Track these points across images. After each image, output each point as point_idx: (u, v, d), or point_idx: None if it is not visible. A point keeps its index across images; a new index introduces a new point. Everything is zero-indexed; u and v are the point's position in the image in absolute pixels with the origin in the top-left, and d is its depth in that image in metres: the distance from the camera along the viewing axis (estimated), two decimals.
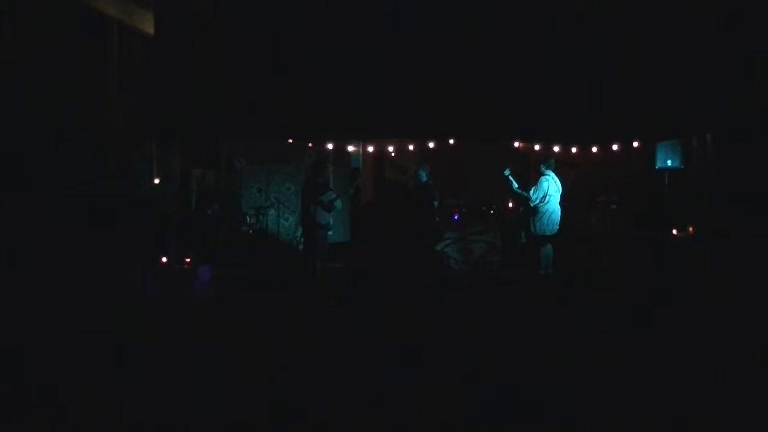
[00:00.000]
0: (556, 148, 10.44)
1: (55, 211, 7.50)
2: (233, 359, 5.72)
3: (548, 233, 9.65)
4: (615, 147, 10.37)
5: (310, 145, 11.14)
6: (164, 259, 8.46)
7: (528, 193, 9.70)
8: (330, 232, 9.30)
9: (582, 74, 8.88)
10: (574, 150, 10.66)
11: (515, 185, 9.78)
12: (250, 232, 10.77)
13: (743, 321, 6.81)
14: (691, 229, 9.57)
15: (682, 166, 9.48)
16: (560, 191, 9.70)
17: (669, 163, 9.48)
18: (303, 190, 9.36)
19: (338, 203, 9.03)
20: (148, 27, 9.66)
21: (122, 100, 9.56)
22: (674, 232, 9.42)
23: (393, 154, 11.72)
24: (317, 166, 9.58)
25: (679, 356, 5.84)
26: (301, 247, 10.15)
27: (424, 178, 10.03)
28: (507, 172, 9.71)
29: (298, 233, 10.54)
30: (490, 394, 4.95)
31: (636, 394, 4.96)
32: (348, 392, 4.96)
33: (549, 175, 9.64)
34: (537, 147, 10.49)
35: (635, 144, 9.99)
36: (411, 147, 11.21)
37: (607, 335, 6.68)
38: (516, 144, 10.32)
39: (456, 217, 11.32)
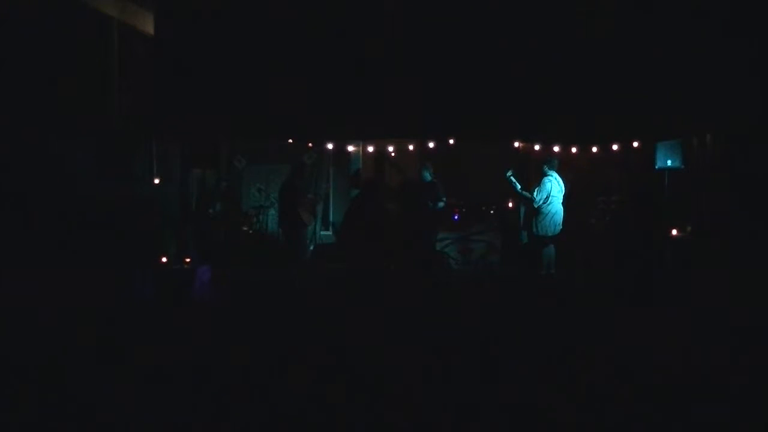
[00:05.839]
0: (556, 148, 10.44)
1: (55, 211, 7.50)
2: (233, 360, 5.72)
3: (550, 234, 9.66)
4: (615, 147, 10.38)
5: (310, 145, 11.15)
6: (164, 259, 8.45)
7: (531, 194, 9.71)
8: (323, 232, 9.39)
9: (582, 74, 8.89)
10: (574, 150, 10.67)
11: (518, 186, 9.81)
12: (250, 232, 10.77)
13: (743, 321, 6.82)
14: (690, 228, 9.57)
15: (682, 166, 9.48)
16: (563, 192, 9.71)
17: (669, 163, 9.48)
18: (281, 190, 9.49)
19: (318, 208, 9.15)
20: (148, 27, 9.67)
21: (122, 100, 9.56)
22: (674, 232, 9.42)
23: (393, 154, 11.72)
24: (297, 169, 9.70)
25: (679, 356, 5.84)
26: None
27: (429, 178, 10.05)
28: (509, 174, 9.74)
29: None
30: (490, 393, 4.96)
31: (636, 394, 4.96)
32: (348, 393, 4.96)
33: (552, 176, 9.65)
34: (537, 147, 10.50)
35: (635, 144, 10.00)
36: (411, 147, 11.21)
37: (606, 335, 6.69)
38: (516, 144, 10.33)
39: (456, 217, 11.31)
